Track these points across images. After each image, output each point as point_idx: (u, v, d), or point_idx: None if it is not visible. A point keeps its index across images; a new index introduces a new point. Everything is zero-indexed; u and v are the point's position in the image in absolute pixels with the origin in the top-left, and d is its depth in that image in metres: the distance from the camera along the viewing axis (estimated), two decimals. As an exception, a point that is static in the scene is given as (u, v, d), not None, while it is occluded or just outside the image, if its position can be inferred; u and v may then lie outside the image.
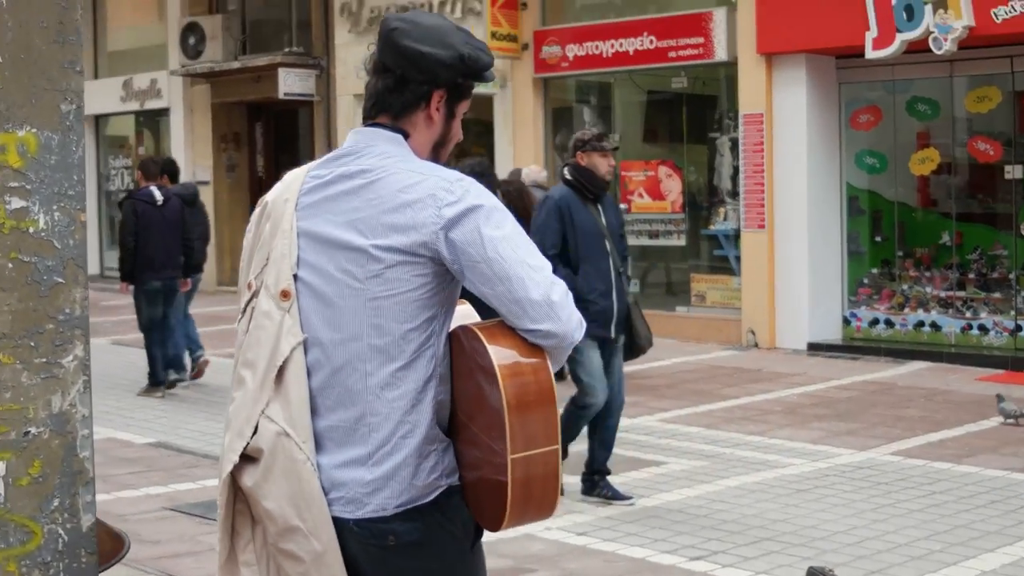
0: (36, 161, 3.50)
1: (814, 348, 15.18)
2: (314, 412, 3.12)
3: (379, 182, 3.10)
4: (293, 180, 3.26)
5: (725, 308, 16.51)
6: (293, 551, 3.10)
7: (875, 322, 15.23)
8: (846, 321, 15.55)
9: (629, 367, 14.21)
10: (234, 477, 3.17)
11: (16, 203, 3.46)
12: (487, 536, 3.28)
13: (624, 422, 11.09)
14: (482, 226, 3.02)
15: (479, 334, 3.03)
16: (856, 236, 15.79)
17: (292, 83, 22.02)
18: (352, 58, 21.13)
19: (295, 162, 15.57)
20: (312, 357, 3.13)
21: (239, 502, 3.22)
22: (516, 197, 11.49)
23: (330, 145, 22.08)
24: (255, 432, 3.12)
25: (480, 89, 18.50)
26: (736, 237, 16.39)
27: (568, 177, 8.36)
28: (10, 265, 3.45)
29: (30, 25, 3.53)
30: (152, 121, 26.84)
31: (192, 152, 24.80)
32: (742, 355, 15.26)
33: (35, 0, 3.54)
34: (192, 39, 24.12)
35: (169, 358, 12.93)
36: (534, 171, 14.22)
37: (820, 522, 7.77)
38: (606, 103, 18.92)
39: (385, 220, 3.06)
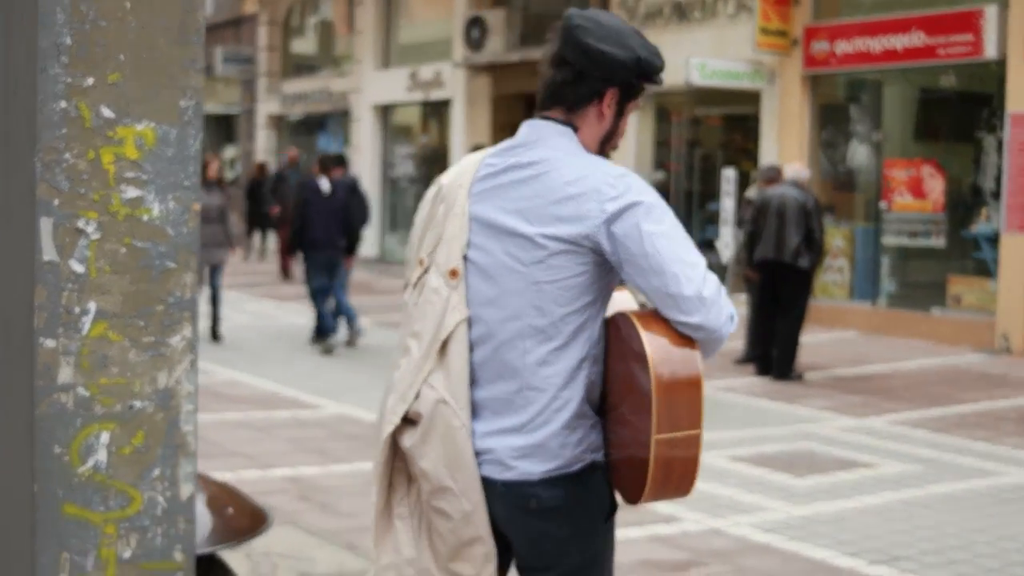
0: (153, 153, 3.76)
1: (1069, 357, 14.66)
2: (474, 383, 3.38)
3: (547, 174, 3.32)
4: (468, 166, 3.52)
5: (980, 311, 16.09)
6: (444, 509, 3.38)
7: None
8: (1104, 331, 14.94)
9: (870, 369, 14.09)
10: (395, 438, 3.45)
11: (131, 192, 3.72)
12: (675, 528, 3.44)
13: (848, 422, 11.01)
14: (642, 222, 3.23)
15: (634, 321, 3.25)
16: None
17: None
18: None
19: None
20: (476, 333, 3.38)
21: (397, 460, 3.49)
22: None
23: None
24: (417, 397, 3.38)
25: (749, 84, 18.46)
26: (996, 240, 15.93)
27: None
28: (123, 250, 3.72)
29: (152, 26, 3.79)
30: (436, 111, 27.54)
31: (470, 142, 25.35)
32: (992, 360, 14.87)
33: (157, 2, 3.81)
34: (475, 32, 24.73)
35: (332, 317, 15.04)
36: (796, 169, 14.05)
37: (1019, 534, 7.57)
38: (873, 100, 18.58)
39: (551, 211, 3.29)
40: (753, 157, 19.30)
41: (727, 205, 17.40)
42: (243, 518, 4.74)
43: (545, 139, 3.40)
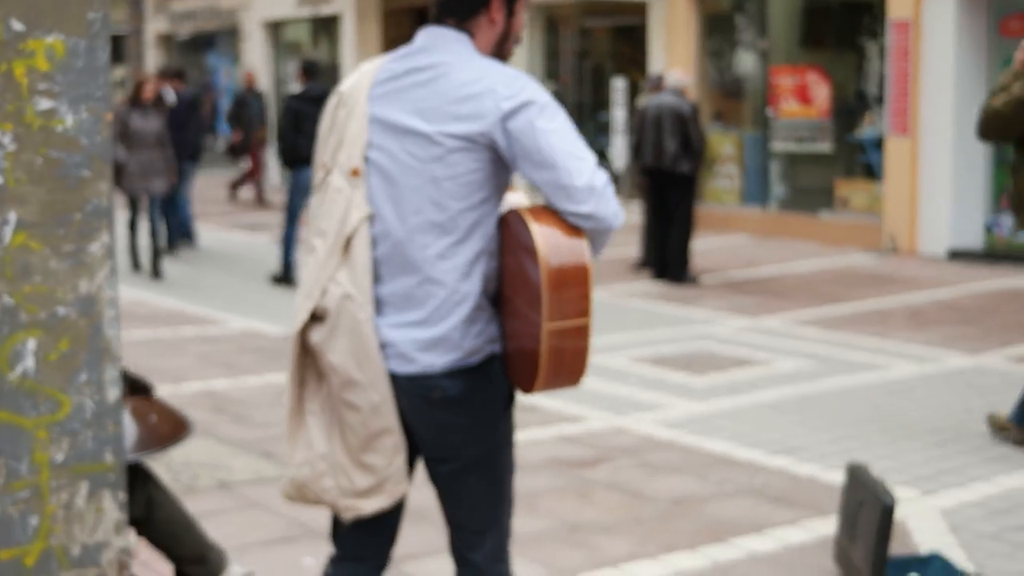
0: (63, 65, 3.83)
1: (955, 256, 15.08)
2: (377, 279, 3.52)
3: (445, 76, 3.46)
4: (367, 72, 3.63)
5: (867, 214, 16.47)
6: (353, 401, 3.50)
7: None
8: (988, 229, 15.36)
9: (762, 271, 14.42)
10: (303, 335, 3.56)
11: (44, 104, 3.80)
12: (581, 428, 3.58)
13: (743, 322, 11.30)
14: (535, 119, 3.37)
15: (525, 216, 3.37)
16: (1001, 144, 15.54)
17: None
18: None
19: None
20: (377, 229, 3.51)
21: (308, 357, 3.60)
22: None
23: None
24: (324, 294, 3.50)
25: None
26: (881, 144, 16.28)
27: None
28: (39, 160, 3.79)
29: (59, -60, 3.85)
30: (326, 26, 27.35)
31: (361, 57, 25.27)
32: (880, 261, 15.23)
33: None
34: (363, -55, 24.52)
35: None
36: (675, 76, 14.24)
37: (910, 422, 7.88)
38: (758, 9, 18.79)
39: (449, 110, 3.42)
40: (642, 67, 19.46)
41: (617, 115, 17.57)
42: (166, 425, 4.85)
43: (442, 44, 3.53)
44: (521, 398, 3.64)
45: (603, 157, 18.87)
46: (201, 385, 9.04)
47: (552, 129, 3.38)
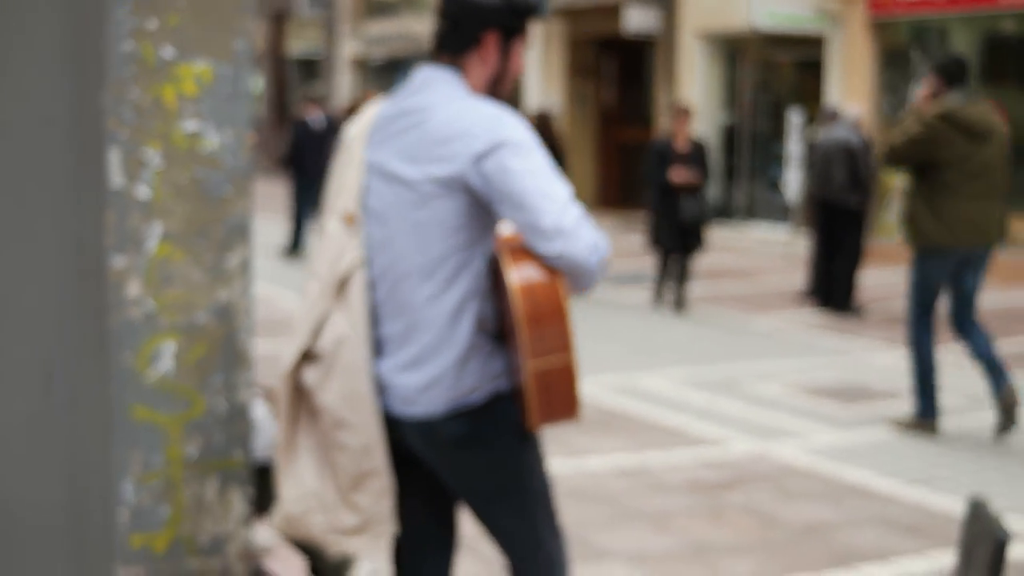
0: (210, 90, 4.13)
1: None
2: (377, 321, 3.61)
3: (430, 120, 3.51)
4: (369, 115, 3.74)
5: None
6: (344, 441, 3.59)
7: None
8: None
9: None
10: (296, 375, 3.68)
11: (192, 126, 4.11)
12: (723, 451, 3.71)
13: (901, 354, 11.27)
14: (506, 159, 3.38)
15: (504, 257, 3.42)
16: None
17: (636, 19, 22.43)
18: (694, -5, 21.41)
19: (641, 98, 16.86)
20: (374, 272, 3.61)
21: (300, 396, 3.71)
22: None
23: (672, 82, 22.45)
24: (319, 335, 3.62)
25: (812, 28, 18.58)
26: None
27: None
28: (186, 178, 4.10)
29: (208, -26, 4.16)
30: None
31: (547, 85, 25.61)
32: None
33: (213, -47, 4.17)
34: (548, -25, 24.89)
35: None
36: (848, 110, 14.23)
37: (1054, 461, 7.86)
38: (937, 46, 18.62)
39: (431, 152, 3.48)
40: (819, 100, 19.43)
41: (792, 147, 17.59)
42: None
43: (431, 84, 3.59)
44: (668, 420, 3.73)
45: (776, 188, 18.91)
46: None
47: (524, 169, 3.37)
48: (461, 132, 3.44)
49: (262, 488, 4.72)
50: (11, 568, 4.32)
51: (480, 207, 3.49)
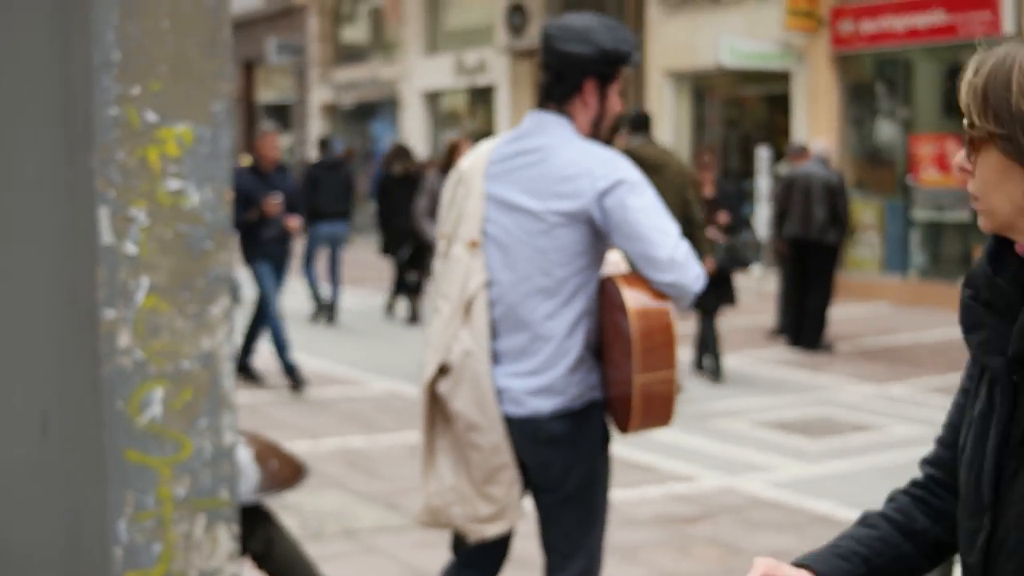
0: (191, 151, 4.38)
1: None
2: (495, 335, 4.07)
3: (549, 159, 3.99)
4: (482, 153, 4.19)
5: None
6: (476, 441, 4.07)
7: None
8: None
9: (898, 338, 14.53)
10: (432, 385, 4.13)
11: (174, 185, 4.35)
12: (691, 487, 4.14)
13: (868, 389, 11.53)
14: (625, 196, 3.89)
15: (619, 281, 3.91)
16: None
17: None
18: (665, 35, 21.72)
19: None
20: (494, 293, 4.06)
21: (436, 404, 4.17)
22: None
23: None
24: (449, 350, 4.06)
25: (778, 65, 18.93)
26: (1022, 212, 16.38)
27: None
28: (170, 233, 4.34)
29: (187, 42, 4.41)
30: (482, 97, 28.03)
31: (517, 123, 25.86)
32: None
33: (190, 22, 4.43)
34: (516, 18, 25.18)
35: None
36: (821, 146, 14.24)
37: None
38: (901, 78, 18.99)
39: (553, 189, 3.95)
40: (787, 135, 19.77)
41: (761, 183, 17.91)
42: (286, 470, 5.36)
43: (545, 128, 4.06)
44: (638, 457, 4.18)
45: (747, 225, 19.19)
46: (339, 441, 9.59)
47: (640, 206, 3.89)
48: (584, 172, 3.93)
49: (245, 527, 4.95)
50: (9, 606, 4.53)
51: (596, 237, 3.97)
